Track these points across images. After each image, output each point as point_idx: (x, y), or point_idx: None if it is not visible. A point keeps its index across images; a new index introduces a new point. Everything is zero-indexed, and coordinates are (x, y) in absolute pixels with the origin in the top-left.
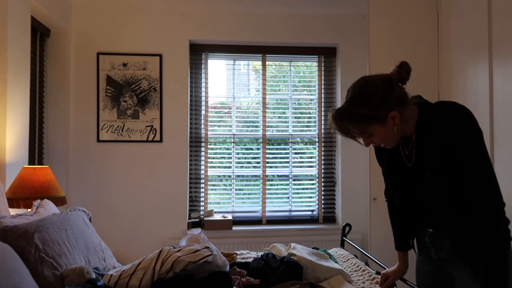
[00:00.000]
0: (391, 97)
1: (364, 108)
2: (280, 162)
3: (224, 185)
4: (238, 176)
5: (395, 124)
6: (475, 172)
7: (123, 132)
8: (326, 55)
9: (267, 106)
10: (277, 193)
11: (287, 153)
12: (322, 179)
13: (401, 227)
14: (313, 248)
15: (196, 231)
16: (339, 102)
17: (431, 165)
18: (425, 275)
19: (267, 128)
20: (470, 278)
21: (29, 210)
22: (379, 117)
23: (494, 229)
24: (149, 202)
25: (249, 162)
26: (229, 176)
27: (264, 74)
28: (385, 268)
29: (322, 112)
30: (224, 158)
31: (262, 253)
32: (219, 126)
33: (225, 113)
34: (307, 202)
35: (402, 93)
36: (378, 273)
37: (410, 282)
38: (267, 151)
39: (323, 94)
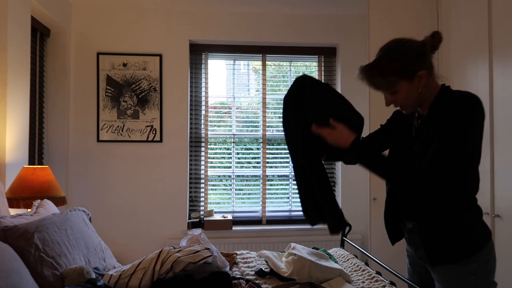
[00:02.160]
0: (424, 57)
1: (397, 61)
2: (280, 162)
3: (224, 185)
4: (238, 176)
5: (420, 85)
6: (445, 147)
7: (123, 132)
8: (326, 55)
9: (267, 106)
10: (277, 193)
11: (287, 153)
12: None
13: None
14: (313, 248)
15: (197, 231)
16: None
17: (422, 143)
18: (413, 281)
19: (267, 128)
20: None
21: (29, 210)
22: (409, 72)
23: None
24: (149, 202)
25: (249, 162)
26: (229, 176)
27: (264, 74)
28: (385, 268)
29: None
30: (224, 158)
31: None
32: (219, 126)
33: (225, 113)
34: None
35: (432, 61)
36: (378, 272)
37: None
38: (267, 151)
39: None
